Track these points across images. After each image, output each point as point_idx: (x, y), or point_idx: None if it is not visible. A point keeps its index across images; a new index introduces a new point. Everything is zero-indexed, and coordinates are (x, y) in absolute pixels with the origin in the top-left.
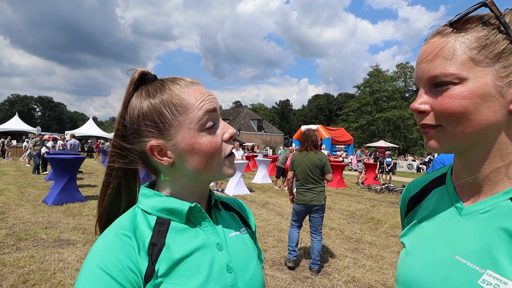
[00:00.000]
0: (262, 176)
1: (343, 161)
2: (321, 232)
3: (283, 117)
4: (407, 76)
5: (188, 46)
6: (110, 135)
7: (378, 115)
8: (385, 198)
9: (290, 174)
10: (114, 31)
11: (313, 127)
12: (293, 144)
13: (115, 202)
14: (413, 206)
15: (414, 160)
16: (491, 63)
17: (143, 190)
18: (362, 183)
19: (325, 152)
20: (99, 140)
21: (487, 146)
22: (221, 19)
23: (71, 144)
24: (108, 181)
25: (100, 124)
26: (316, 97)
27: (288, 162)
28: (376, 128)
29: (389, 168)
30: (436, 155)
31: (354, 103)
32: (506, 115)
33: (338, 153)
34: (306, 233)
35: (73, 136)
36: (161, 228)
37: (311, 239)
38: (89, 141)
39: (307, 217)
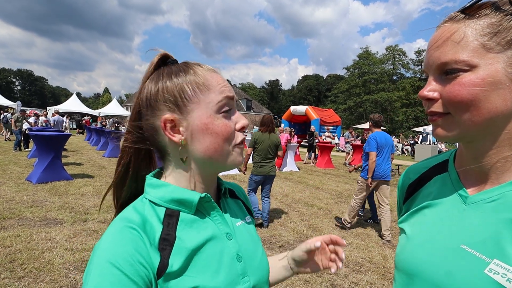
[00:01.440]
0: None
1: (331, 142)
2: (269, 195)
3: (272, 97)
4: (396, 59)
5: (177, 21)
6: (95, 112)
7: (366, 97)
8: None
9: (249, 150)
10: (98, 2)
11: (302, 107)
12: (282, 125)
13: (122, 180)
14: (413, 193)
15: (399, 142)
16: (503, 49)
17: (150, 180)
18: (350, 164)
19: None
20: (88, 117)
21: (496, 135)
22: None
23: (54, 120)
24: (120, 158)
25: (84, 100)
26: (305, 77)
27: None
28: (364, 110)
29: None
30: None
31: (343, 85)
32: None
33: (325, 134)
34: (295, 227)
35: (57, 112)
36: (170, 221)
37: (263, 202)
38: (84, 117)
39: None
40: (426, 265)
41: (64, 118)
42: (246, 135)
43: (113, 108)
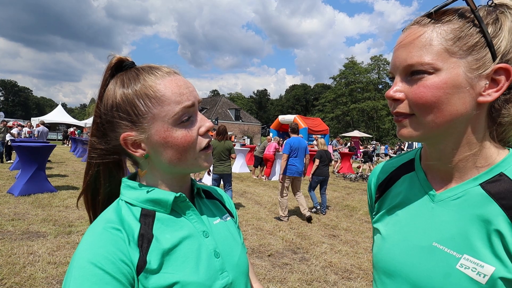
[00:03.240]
0: (240, 165)
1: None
2: (231, 186)
3: (260, 106)
4: (381, 69)
5: (165, 32)
6: (81, 123)
7: (353, 106)
8: (359, 186)
9: None
10: (86, 13)
11: (290, 117)
12: (271, 134)
13: (94, 189)
14: (383, 192)
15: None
16: (464, 55)
17: (125, 183)
18: (338, 172)
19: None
20: (73, 128)
21: (457, 136)
22: (199, 5)
23: (38, 131)
24: (88, 167)
25: (70, 111)
26: (293, 87)
27: (266, 152)
28: (351, 118)
29: (366, 156)
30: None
31: (330, 94)
32: (474, 106)
33: (314, 142)
34: (283, 227)
35: (42, 123)
36: (146, 220)
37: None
38: (69, 128)
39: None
40: (403, 265)
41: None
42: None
43: None
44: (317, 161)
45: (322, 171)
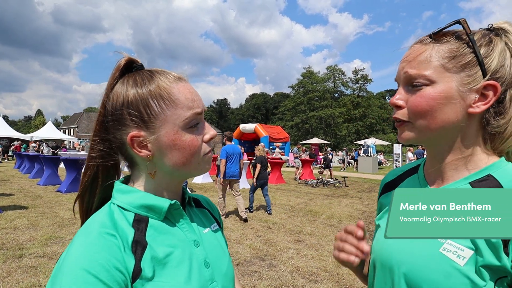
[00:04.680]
0: (202, 175)
1: (281, 158)
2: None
3: (221, 116)
4: (336, 78)
5: (120, 40)
6: (27, 136)
7: (311, 114)
8: (320, 192)
9: None
10: (31, 18)
11: (251, 125)
12: (232, 143)
13: (91, 190)
14: (387, 190)
15: (347, 155)
16: (458, 71)
17: (118, 186)
18: (299, 178)
19: (265, 150)
20: (18, 142)
21: (449, 141)
22: (155, 13)
23: None
24: (86, 168)
25: (12, 123)
26: (253, 96)
27: None
28: (310, 126)
29: (325, 163)
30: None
31: (289, 102)
32: (465, 116)
33: (276, 150)
34: (249, 232)
35: None
36: (139, 226)
37: None
38: (13, 143)
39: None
40: (395, 251)
41: None
42: (213, 145)
43: (48, 132)
44: (258, 166)
45: (263, 174)
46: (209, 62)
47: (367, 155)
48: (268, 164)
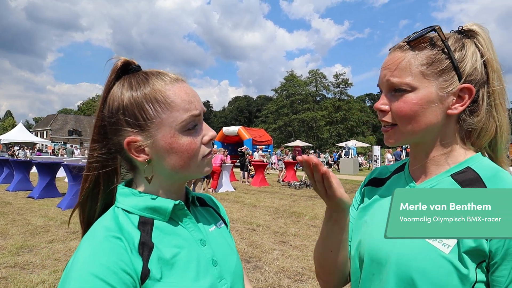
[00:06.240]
0: None
1: (264, 161)
2: None
3: (204, 118)
4: (318, 82)
5: (98, 39)
6: None
7: (294, 117)
8: (303, 193)
9: None
10: (1, 14)
11: (234, 128)
12: (215, 146)
13: (93, 197)
14: (374, 185)
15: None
16: (436, 77)
17: (122, 189)
18: (283, 180)
19: (249, 152)
20: None
21: (431, 140)
22: (136, 12)
23: None
24: (87, 174)
25: None
26: (236, 99)
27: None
28: (292, 128)
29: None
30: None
31: (272, 105)
32: (444, 117)
33: (255, 153)
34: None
35: None
36: (145, 228)
37: None
38: None
39: None
40: (382, 243)
41: None
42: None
43: (18, 134)
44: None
45: None
46: (192, 64)
47: (348, 157)
48: (252, 166)
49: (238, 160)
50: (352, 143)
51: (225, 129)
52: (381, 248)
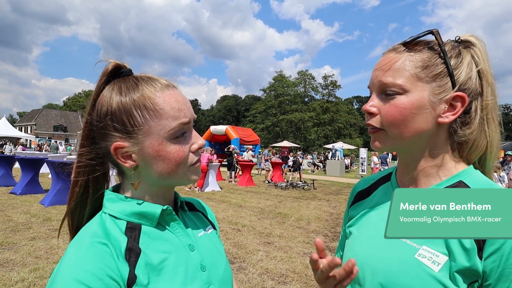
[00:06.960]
0: None
1: (251, 160)
2: None
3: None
4: (307, 83)
5: (85, 34)
6: None
7: (282, 117)
8: (290, 194)
9: None
10: None
11: (222, 127)
12: None
13: (82, 202)
14: (360, 199)
15: (313, 158)
16: (430, 81)
17: (109, 195)
18: (271, 179)
19: (237, 151)
20: None
21: (421, 148)
22: (125, 8)
23: None
24: (76, 179)
25: None
26: (224, 98)
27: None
28: (280, 129)
29: (295, 166)
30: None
31: (260, 105)
32: (435, 125)
33: (244, 153)
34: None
35: None
36: (132, 233)
37: None
38: None
39: None
40: (370, 257)
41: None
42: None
43: (2, 129)
44: None
45: None
46: (181, 62)
47: (335, 159)
48: (239, 166)
49: (225, 160)
50: (339, 145)
51: (212, 128)
52: (367, 262)
